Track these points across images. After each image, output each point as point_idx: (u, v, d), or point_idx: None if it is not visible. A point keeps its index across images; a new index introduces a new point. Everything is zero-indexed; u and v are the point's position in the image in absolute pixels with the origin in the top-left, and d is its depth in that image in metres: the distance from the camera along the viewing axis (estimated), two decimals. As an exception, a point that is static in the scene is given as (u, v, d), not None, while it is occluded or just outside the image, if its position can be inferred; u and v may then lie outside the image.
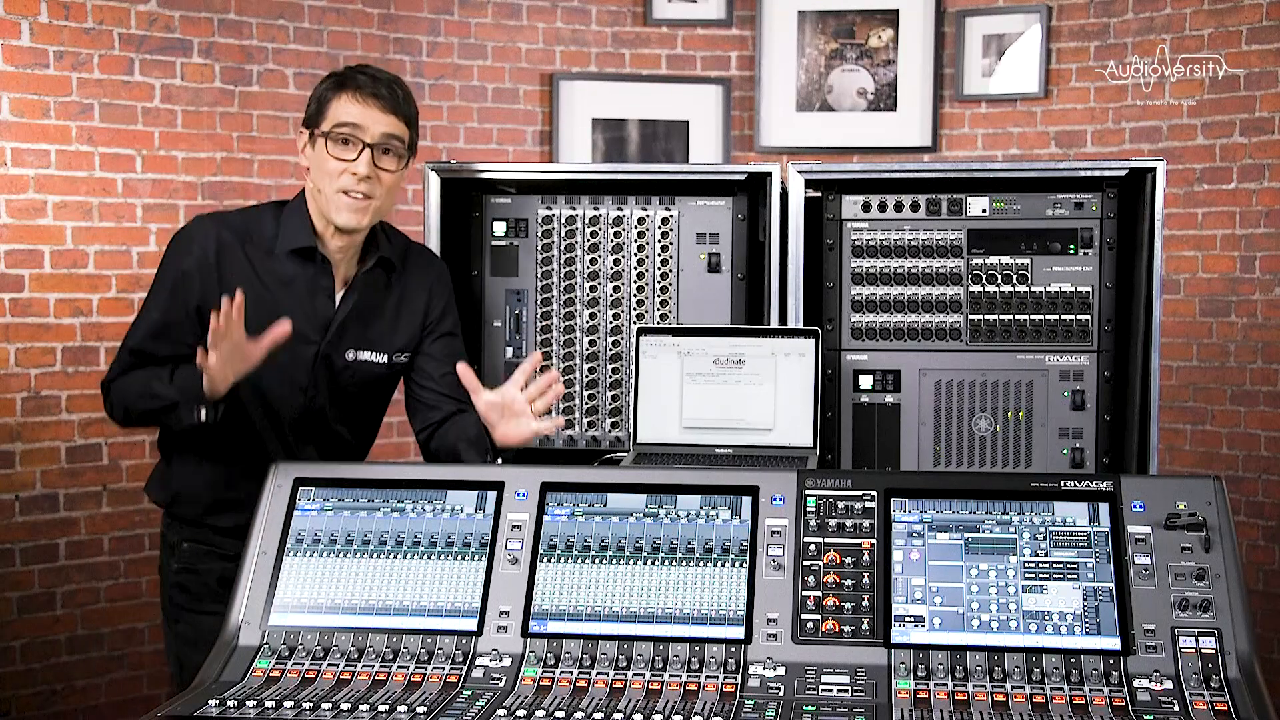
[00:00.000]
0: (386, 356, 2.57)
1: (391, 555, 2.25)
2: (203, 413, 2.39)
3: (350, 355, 2.54)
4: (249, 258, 2.48)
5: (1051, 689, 2.01)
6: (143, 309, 2.55)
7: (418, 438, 2.66)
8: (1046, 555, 2.15)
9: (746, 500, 2.25)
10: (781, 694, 2.03)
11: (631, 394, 2.76)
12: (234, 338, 2.29)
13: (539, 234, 2.89)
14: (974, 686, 2.02)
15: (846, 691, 2.02)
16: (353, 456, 2.65)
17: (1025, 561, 2.15)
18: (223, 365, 2.30)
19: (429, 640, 2.15)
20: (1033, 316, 2.78)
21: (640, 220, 2.87)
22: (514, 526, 2.26)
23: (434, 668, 2.11)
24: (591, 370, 2.89)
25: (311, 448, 2.57)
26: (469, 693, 2.05)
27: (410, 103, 2.48)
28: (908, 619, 2.12)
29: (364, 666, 2.12)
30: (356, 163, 2.40)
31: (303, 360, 2.50)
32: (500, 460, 2.48)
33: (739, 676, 2.07)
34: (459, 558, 2.24)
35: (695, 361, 2.72)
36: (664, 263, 2.86)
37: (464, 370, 2.43)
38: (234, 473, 2.51)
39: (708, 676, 2.07)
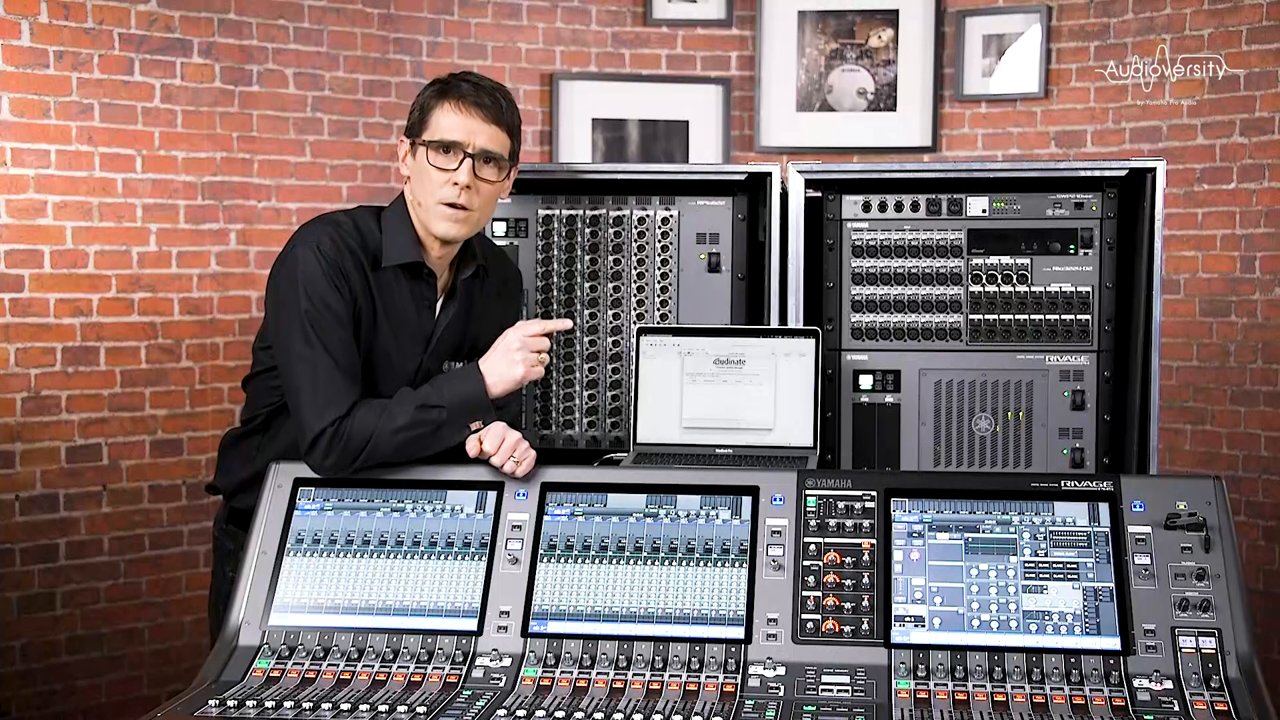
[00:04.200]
0: (468, 361, 2.52)
1: (391, 555, 2.25)
2: (472, 425, 2.34)
3: (446, 366, 2.50)
4: (362, 273, 2.39)
5: (1051, 689, 2.01)
6: (310, 330, 2.32)
7: None
8: (1046, 555, 2.15)
9: (746, 500, 2.25)
10: (781, 694, 2.03)
11: (631, 394, 2.76)
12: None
13: (539, 234, 2.89)
14: (974, 686, 2.02)
15: (846, 691, 2.02)
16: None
17: (1025, 561, 2.15)
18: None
19: (429, 640, 2.15)
20: (1033, 316, 2.78)
21: (640, 220, 2.87)
22: (514, 526, 2.26)
23: (434, 668, 2.11)
24: (591, 370, 2.89)
25: None
26: (469, 693, 2.05)
27: (514, 112, 2.42)
28: (908, 619, 2.12)
29: (364, 667, 2.12)
30: (457, 172, 2.34)
31: (405, 374, 2.45)
32: None
33: (739, 676, 2.07)
34: (459, 558, 2.24)
35: (695, 361, 2.72)
36: (664, 263, 2.86)
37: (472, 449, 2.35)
38: None
39: (708, 676, 2.07)
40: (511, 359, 2.38)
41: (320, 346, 2.31)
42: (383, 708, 1.98)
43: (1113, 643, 2.05)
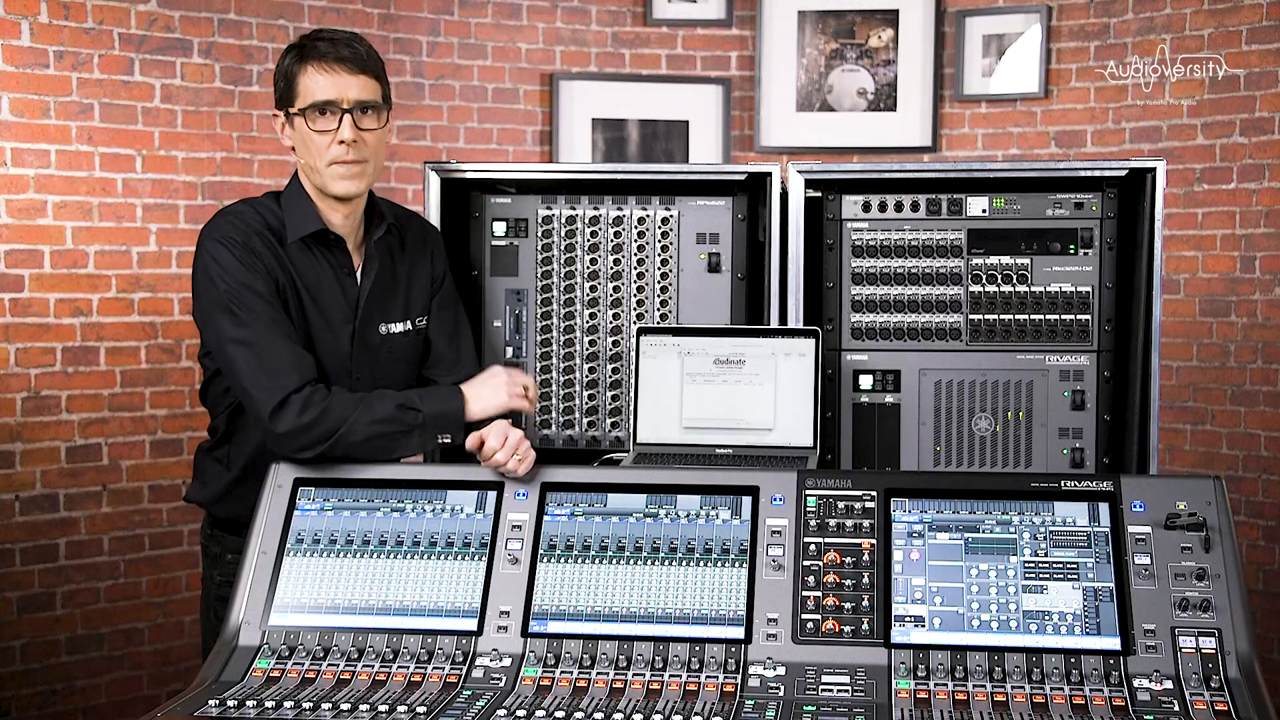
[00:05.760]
0: (410, 323, 2.57)
1: (391, 555, 2.25)
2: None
3: (382, 329, 2.53)
4: (274, 253, 2.43)
5: (1051, 689, 2.01)
6: (236, 313, 2.33)
7: None
8: (1046, 555, 2.15)
9: (746, 500, 2.25)
10: (781, 694, 2.03)
11: (631, 394, 2.76)
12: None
13: (539, 234, 2.89)
14: (974, 686, 2.02)
15: (846, 691, 2.02)
16: None
17: (1025, 561, 2.15)
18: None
19: (429, 640, 2.15)
20: (1033, 316, 2.78)
21: (640, 220, 2.87)
22: (514, 526, 2.26)
23: (434, 668, 2.11)
24: (591, 370, 2.89)
25: None
26: (469, 693, 2.05)
27: (374, 55, 2.44)
28: (908, 619, 2.12)
29: (364, 667, 2.12)
30: (340, 130, 2.38)
31: (342, 344, 2.49)
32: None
33: (739, 676, 2.07)
34: (459, 558, 2.24)
35: (695, 361, 2.72)
36: (664, 263, 2.86)
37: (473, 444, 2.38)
38: None
39: (708, 676, 2.07)
40: (496, 385, 2.46)
41: (253, 325, 2.33)
42: (383, 708, 1.98)
43: (1113, 643, 2.05)
